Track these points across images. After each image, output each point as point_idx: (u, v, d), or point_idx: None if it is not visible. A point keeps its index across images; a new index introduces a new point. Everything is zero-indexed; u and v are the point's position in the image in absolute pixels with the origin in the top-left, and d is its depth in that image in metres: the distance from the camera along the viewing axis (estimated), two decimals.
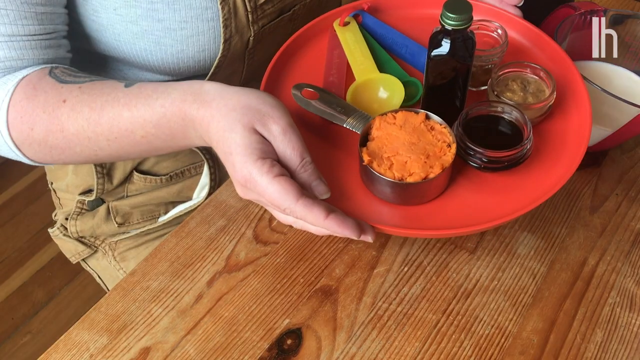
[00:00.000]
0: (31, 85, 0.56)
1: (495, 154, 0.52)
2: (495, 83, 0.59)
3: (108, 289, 0.84)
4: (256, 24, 0.65)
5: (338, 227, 0.47)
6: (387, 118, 0.55)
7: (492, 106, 0.56)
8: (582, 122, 0.58)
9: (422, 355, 0.54)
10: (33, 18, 0.56)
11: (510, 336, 0.56)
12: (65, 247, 0.84)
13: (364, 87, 0.61)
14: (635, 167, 0.71)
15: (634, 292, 0.60)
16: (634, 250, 0.63)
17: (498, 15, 0.67)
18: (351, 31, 0.66)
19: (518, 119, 0.55)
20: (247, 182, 0.47)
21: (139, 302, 0.58)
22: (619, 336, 0.56)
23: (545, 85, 0.59)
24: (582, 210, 0.66)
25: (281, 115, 0.49)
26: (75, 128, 0.54)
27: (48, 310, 1.47)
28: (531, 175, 0.55)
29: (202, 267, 0.60)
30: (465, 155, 0.54)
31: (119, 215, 0.78)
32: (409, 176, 0.52)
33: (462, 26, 0.51)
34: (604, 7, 0.73)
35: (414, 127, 0.54)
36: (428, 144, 0.53)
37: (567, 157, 0.57)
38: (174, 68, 0.64)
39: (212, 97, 0.49)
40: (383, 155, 0.53)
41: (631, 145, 0.74)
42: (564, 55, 0.63)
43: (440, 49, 0.52)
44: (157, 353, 0.54)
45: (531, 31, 0.66)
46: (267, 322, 0.56)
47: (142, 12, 0.59)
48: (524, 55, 0.66)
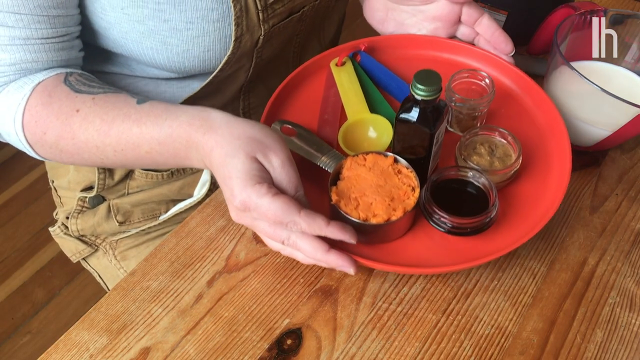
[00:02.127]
0: (47, 92, 0.58)
1: (460, 221, 0.54)
2: (464, 146, 0.61)
3: (108, 288, 0.84)
4: (267, 23, 0.66)
5: (339, 232, 0.50)
6: (357, 159, 0.57)
7: (461, 171, 0.58)
8: (562, 175, 0.60)
9: (422, 355, 0.54)
10: (46, 22, 0.58)
11: (510, 336, 0.56)
12: (65, 246, 0.84)
13: (355, 126, 0.65)
14: (635, 167, 0.71)
15: (634, 292, 0.60)
16: (634, 250, 0.63)
17: (490, 61, 0.70)
18: (346, 71, 0.69)
19: (485, 184, 0.56)
20: (246, 205, 0.49)
21: (139, 302, 0.58)
22: (619, 336, 0.56)
23: (512, 149, 0.61)
24: (582, 210, 0.66)
25: (282, 148, 0.52)
26: (85, 137, 0.57)
27: (48, 310, 1.47)
28: (498, 230, 0.57)
29: (202, 267, 0.60)
30: (430, 219, 0.56)
31: (119, 214, 0.78)
32: (373, 217, 0.54)
33: (431, 97, 0.53)
34: (604, 7, 0.73)
35: (382, 169, 0.57)
36: (394, 187, 0.56)
37: (543, 207, 0.59)
38: (180, 66, 0.65)
39: (218, 125, 0.52)
40: (351, 195, 0.55)
41: (631, 145, 0.74)
42: (552, 104, 0.65)
43: (409, 114, 0.55)
44: (157, 353, 0.54)
45: (521, 78, 0.69)
46: (267, 322, 0.56)
47: (148, 12, 0.61)
48: (512, 102, 0.69)
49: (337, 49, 0.71)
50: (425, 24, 0.72)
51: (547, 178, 0.61)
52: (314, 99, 0.68)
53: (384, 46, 0.73)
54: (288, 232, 0.51)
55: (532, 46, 0.82)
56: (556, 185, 0.59)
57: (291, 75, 0.68)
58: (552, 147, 0.64)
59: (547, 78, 0.71)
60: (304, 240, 0.51)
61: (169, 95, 0.72)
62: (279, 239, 0.51)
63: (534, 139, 0.65)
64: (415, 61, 0.72)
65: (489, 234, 0.56)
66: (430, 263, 0.55)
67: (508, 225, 0.58)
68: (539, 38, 0.80)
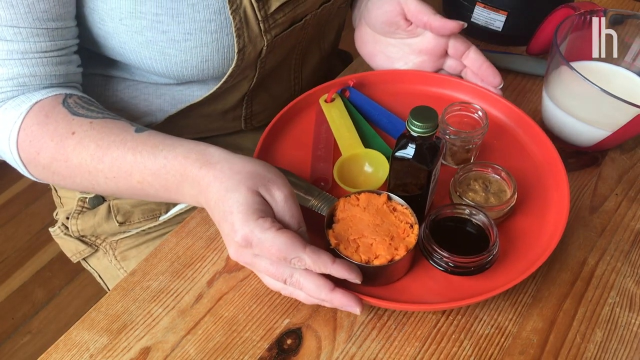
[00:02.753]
0: (44, 112, 0.58)
1: (462, 260, 0.53)
2: (458, 183, 0.60)
3: (109, 288, 0.84)
4: (269, 34, 0.66)
5: (345, 270, 0.49)
6: (350, 200, 0.56)
7: (458, 209, 0.57)
8: (561, 207, 0.60)
9: (422, 355, 0.54)
10: (45, 35, 0.58)
11: (510, 336, 0.56)
12: (66, 247, 0.84)
13: (350, 162, 0.65)
14: (635, 167, 0.71)
15: (634, 292, 0.60)
16: (634, 250, 0.63)
17: (481, 95, 0.71)
18: (337, 107, 0.69)
19: (484, 222, 0.56)
20: (248, 240, 0.48)
21: (139, 302, 0.58)
22: (618, 336, 0.56)
23: (506, 185, 0.61)
24: (581, 210, 0.66)
25: (284, 183, 0.51)
26: (78, 160, 0.56)
27: (48, 310, 1.47)
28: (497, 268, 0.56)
29: (202, 267, 0.60)
30: (430, 259, 0.54)
31: (120, 214, 0.78)
32: (375, 259, 0.53)
33: (428, 134, 0.52)
34: (604, 7, 0.73)
35: (377, 208, 0.55)
36: (391, 225, 0.54)
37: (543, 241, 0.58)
38: (178, 75, 0.65)
39: (216, 160, 0.51)
40: (349, 238, 0.54)
41: (631, 145, 0.74)
42: (545, 138, 0.66)
43: (405, 151, 0.54)
44: (157, 353, 0.54)
45: (513, 111, 0.69)
46: (267, 322, 0.56)
47: (147, 24, 0.60)
48: (505, 134, 0.69)
49: (326, 86, 0.71)
50: (412, 57, 0.72)
51: (544, 211, 0.61)
52: (305, 136, 0.68)
53: (373, 82, 0.73)
54: (291, 270, 0.49)
55: (532, 46, 0.82)
56: (555, 219, 0.59)
57: (280, 113, 0.68)
58: (548, 179, 0.63)
59: (547, 78, 0.71)
60: (307, 278, 0.49)
61: (169, 98, 0.72)
62: (281, 278, 0.49)
63: (529, 171, 0.65)
64: (404, 96, 0.72)
65: (489, 269, 0.55)
66: (434, 300, 0.55)
67: (507, 261, 0.57)
68: (539, 38, 0.81)
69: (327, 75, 0.92)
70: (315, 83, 0.74)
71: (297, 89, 0.83)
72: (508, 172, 0.60)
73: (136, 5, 0.59)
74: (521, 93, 0.80)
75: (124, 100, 0.72)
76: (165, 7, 0.60)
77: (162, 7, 0.60)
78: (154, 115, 0.73)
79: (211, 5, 0.61)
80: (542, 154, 0.66)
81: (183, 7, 0.60)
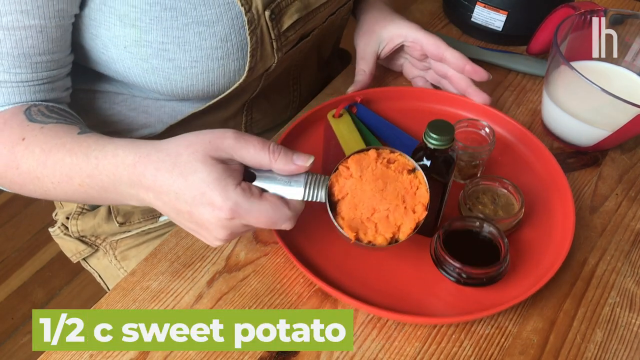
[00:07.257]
0: (2, 120, 0.56)
1: (474, 271, 0.53)
2: (467, 196, 0.61)
3: (109, 288, 0.84)
4: (280, 52, 0.66)
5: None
6: (342, 173, 0.52)
7: (469, 221, 0.57)
8: (566, 223, 0.61)
9: (422, 355, 0.54)
10: (28, 67, 0.56)
11: (510, 336, 0.56)
12: (65, 247, 0.84)
13: None
14: (635, 167, 0.71)
15: (634, 292, 0.60)
16: (634, 250, 0.63)
17: (486, 112, 0.71)
18: (345, 122, 0.69)
19: (494, 234, 0.56)
20: (237, 211, 0.47)
21: (139, 302, 0.58)
22: (619, 336, 0.56)
23: (513, 199, 0.61)
24: (582, 210, 0.66)
25: (224, 130, 0.48)
26: (26, 167, 0.54)
27: None
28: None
29: (202, 267, 0.60)
30: (442, 269, 0.55)
31: (120, 215, 0.78)
32: (399, 233, 0.51)
33: (444, 146, 0.52)
34: (604, 7, 0.73)
35: (372, 171, 0.52)
36: (396, 183, 0.52)
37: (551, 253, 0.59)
38: (183, 96, 0.65)
39: (148, 151, 0.49)
40: (362, 219, 0.51)
41: (631, 145, 0.74)
42: (549, 154, 0.67)
43: (420, 163, 0.54)
44: (157, 353, 0.54)
45: (517, 129, 0.70)
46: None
47: (152, 52, 0.60)
48: (510, 151, 0.70)
49: (333, 102, 0.71)
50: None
51: (550, 224, 0.62)
52: (315, 152, 0.67)
53: (380, 98, 0.74)
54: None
55: (532, 46, 0.82)
56: (561, 234, 0.60)
57: (289, 129, 0.68)
58: (553, 193, 0.64)
59: (547, 78, 0.71)
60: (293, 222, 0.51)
61: (169, 110, 0.71)
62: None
63: (535, 186, 0.65)
64: (411, 113, 0.73)
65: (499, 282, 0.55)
66: (442, 312, 0.55)
67: (516, 273, 0.58)
68: (539, 38, 0.81)
69: (326, 79, 0.92)
70: (314, 88, 0.74)
71: (296, 95, 0.83)
72: (515, 186, 0.61)
73: (141, 34, 0.59)
74: (521, 93, 0.80)
75: (121, 113, 0.71)
76: (171, 35, 0.59)
77: (168, 35, 0.59)
78: (153, 127, 0.73)
79: (218, 33, 0.60)
80: (545, 169, 0.67)
81: (189, 35, 0.59)
